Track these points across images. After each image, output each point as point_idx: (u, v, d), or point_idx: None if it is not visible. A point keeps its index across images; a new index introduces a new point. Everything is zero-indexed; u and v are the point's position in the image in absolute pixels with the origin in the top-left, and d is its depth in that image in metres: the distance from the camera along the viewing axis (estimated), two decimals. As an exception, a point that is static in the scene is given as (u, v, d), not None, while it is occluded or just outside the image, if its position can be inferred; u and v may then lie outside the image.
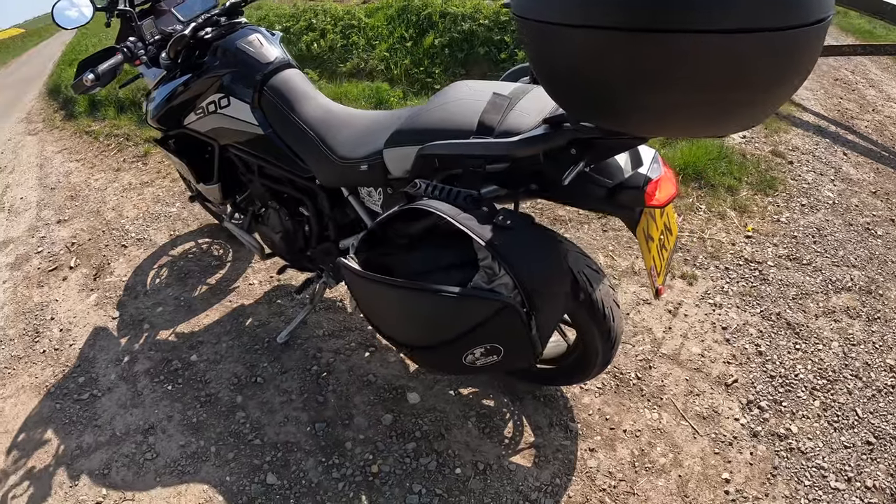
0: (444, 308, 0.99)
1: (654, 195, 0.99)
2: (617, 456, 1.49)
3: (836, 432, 1.53)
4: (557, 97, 0.85)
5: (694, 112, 0.71)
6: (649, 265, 1.08)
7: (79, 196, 3.30)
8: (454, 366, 1.10)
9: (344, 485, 1.47)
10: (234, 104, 1.54)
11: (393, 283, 1.02)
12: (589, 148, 0.94)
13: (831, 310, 1.91)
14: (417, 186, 1.05)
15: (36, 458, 1.70)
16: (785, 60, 0.64)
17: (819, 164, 2.72)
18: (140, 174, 3.40)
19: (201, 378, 1.84)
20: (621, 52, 0.66)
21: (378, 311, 1.17)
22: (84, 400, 1.86)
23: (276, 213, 1.69)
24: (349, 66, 4.24)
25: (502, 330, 0.99)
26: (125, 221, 2.87)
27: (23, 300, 2.46)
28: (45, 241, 2.89)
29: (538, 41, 0.76)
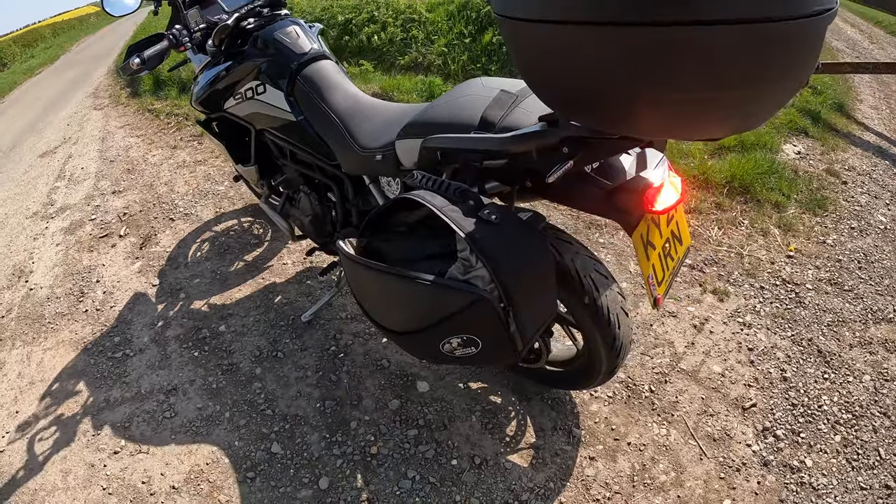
0: (418, 295, 1.02)
1: (653, 201, 0.99)
2: (617, 468, 1.50)
3: (854, 471, 1.47)
4: (540, 94, 0.85)
5: (679, 111, 0.68)
6: (647, 272, 1.08)
7: (135, 170, 3.55)
8: (433, 353, 1.13)
9: (343, 462, 1.55)
10: (269, 91, 1.64)
11: (375, 267, 1.07)
12: (581, 147, 0.94)
13: (868, 341, 1.84)
14: (415, 177, 1.09)
15: (65, 407, 1.87)
16: (777, 55, 0.60)
17: (875, 186, 2.59)
18: (195, 153, 3.62)
19: (226, 348, 1.97)
20: (596, 48, 0.64)
21: (365, 293, 1.22)
22: (117, 358, 2.03)
23: (306, 198, 1.79)
24: (407, 60, 4.34)
25: (477, 322, 1.01)
26: (175, 196, 3.07)
27: (72, 262, 2.68)
28: (100, 209, 3.13)
29: (518, 39, 0.76)
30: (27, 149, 4.67)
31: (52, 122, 5.27)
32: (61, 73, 8.48)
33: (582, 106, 0.78)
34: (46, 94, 7.03)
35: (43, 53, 12.09)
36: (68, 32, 15.46)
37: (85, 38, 13.55)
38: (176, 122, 4.21)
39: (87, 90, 6.20)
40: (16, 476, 1.68)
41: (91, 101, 5.63)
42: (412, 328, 1.11)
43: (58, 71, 9.04)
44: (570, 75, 0.72)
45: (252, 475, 1.55)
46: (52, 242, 2.93)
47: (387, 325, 1.21)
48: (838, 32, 5.37)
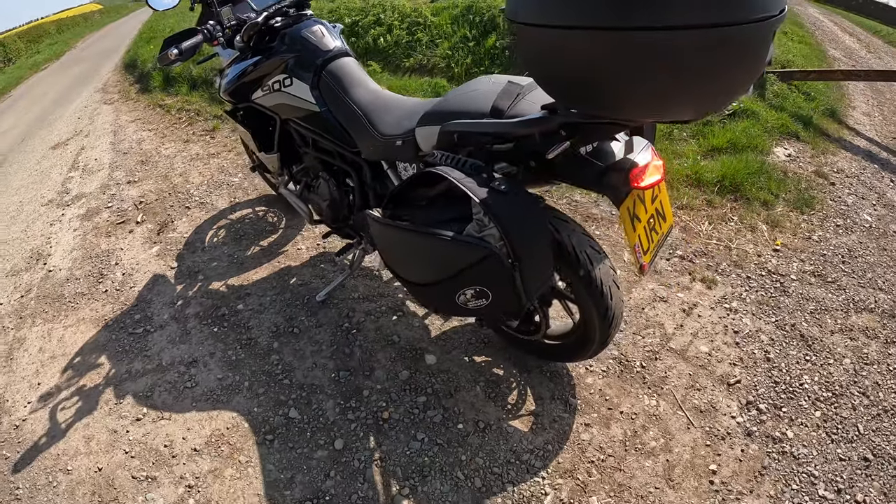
0: (439, 250, 1.22)
1: (638, 179, 1.17)
2: (610, 433, 1.64)
3: (833, 444, 1.60)
4: (545, 87, 1.04)
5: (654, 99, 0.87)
6: (633, 241, 1.26)
7: (149, 161, 3.70)
8: (449, 304, 1.32)
9: (356, 426, 1.70)
10: (296, 84, 1.81)
11: (402, 226, 1.27)
12: (576, 131, 1.12)
13: (849, 328, 1.98)
14: (434, 156, 1.29)
15: (87, 378, 2.01)
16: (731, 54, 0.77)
17: (863, 188, 2.76)
18: (207, 146, 3.78)
19: (244, 324, 2.12)
20: (588, 49, 0.82)
21: (392, 252, 1.42)
22: (137, 333, 2.17)
23: (325, 183, 1.95)
24: (412, 62, 4.51)
25: (488, 275, 1.19)
26: (190, 186, 3.23)
27: (91, 246, 2.83)
28: (115, 198, 3.29)
29: (527, 40, 0.95)
30: (38, 141, 4.82)
31: (62, 116, 5.43)
32: (67, 69, 8.65)
33: (580, 95, 0.96)
34: (54, 88, 7.20)
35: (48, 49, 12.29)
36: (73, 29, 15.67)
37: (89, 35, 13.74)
38: (187, 118, 4.37)
39: (95, 85, 6.36)
40: (38, 442, 1.81)
41: (100, 96, 5.79)
42: (432, 279, 1.30)
43: (64, 67, 9.21)
44: (570, 70, 0.91)
45: (271, 438, 1.70)
46: (69, 228, 3.07)
47: (410, 279, 1.39)
48: (836, 41, 5.56)
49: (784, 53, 4.16)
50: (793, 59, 4.11)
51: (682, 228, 2.46)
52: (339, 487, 1.55)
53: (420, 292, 1.43)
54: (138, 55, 6.38)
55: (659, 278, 2.18)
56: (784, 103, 3.45)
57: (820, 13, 6.67)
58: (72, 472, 1.70)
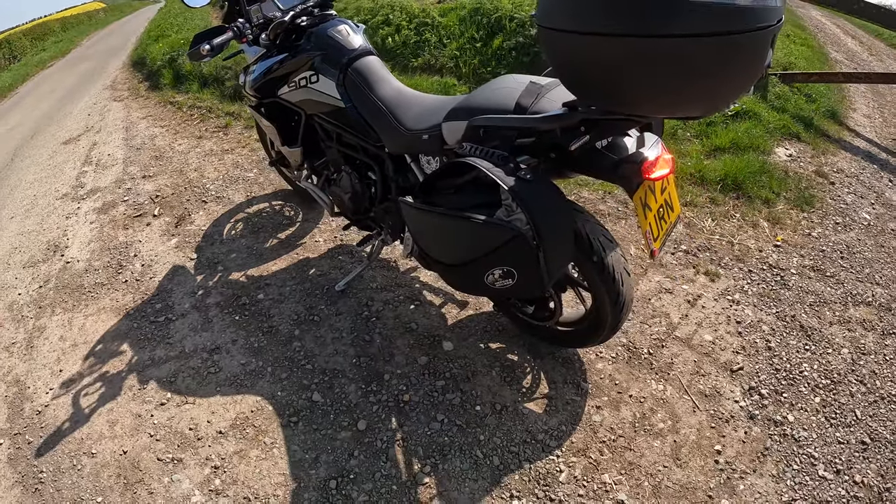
0: (471, 231, 1.33)
1: (649, 170, 1.28)
2: (620, 415, 1.73)
3: (832, 428, 1.68)
4: (570, 86, 1.15)
5: (666, 98, 1.00)
6: (645, 228, 1.36)
7: (163, 157, 3.78)
8: (478, 284, 1.43)
9: (378, 408, 1.78)
10: (322, 81, 1.89)
11: (435, 210, 1.38)
12: (595, 126, 1.24)
13: (847, 320, 2.07)
14: (464, 148, 1.39)
15: (110, 365, 2.08)
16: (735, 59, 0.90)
17: (861, 187, 2.85)
18: (221, 142, 3.86)
19: (265, 313, 2.20)
20: (610, 52, 0.94)
21: (425, 235, 1.53)
22: (159, 322, 2.25)
23: (347, 177, 2.03)
24: (420, 62, 4.60)
25: (515, 255, 1.30)
26: (206, 181, 3.31)
27: (108, 238, 2.90)
28: (131, 192, 3.36)
29: (554, 44, 1.07)
30: (49, 136, 4.89)
31: (72, 113, 5.50)
32: (74, 67, 8.73)
33: (600, 94, 1.08)
34: (61, 85, 7.27)
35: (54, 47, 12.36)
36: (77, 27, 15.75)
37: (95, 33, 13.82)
38: (199, 115, 4.44)
39: (103, 83, 6.44)
40: (61, 427, 1.86)
41: (109, 93, 5.86)
42: (463, 260, 1.41)
43: (70, 64, 9.29)
44: (596, 72, 1.02)
45: (295, 420, 1.78)
46: (86, 221, 3.15)
47: (442, 259, 1.50)
48: (838, 44, 5.67)
49: (786, 56, 4.27)
50: (795, 61, 4.22)
51: (686, 224, 2.54)
52: (363, 466, 1.63)
53: (450, 272, 1.53)
54: (147, 53, 6.45)
55: (665, 271, 2.27)
56: (786, 105, 3.55)
57: (822, 16, 6.79)
58: (96, 456, 1.76)
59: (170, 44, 6.09)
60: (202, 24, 7.23)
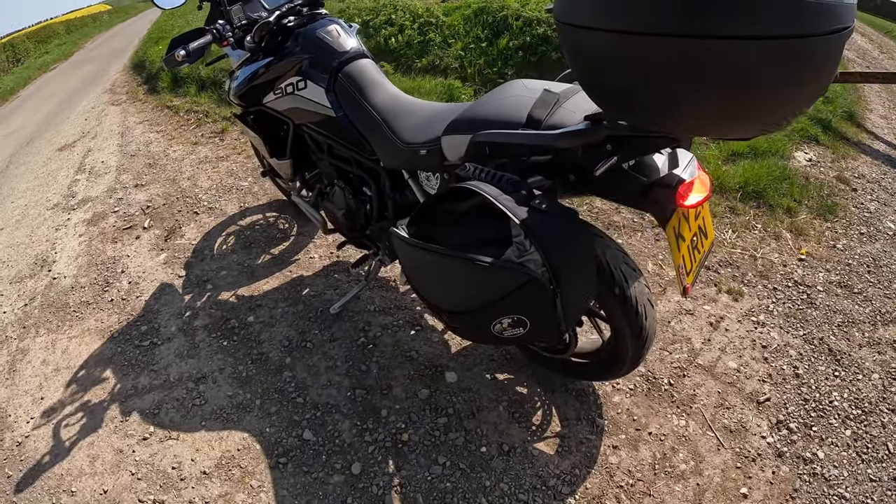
0: (476, 276, 1.10)
1: (685, 196, 1.06)
2: (639, 456, 1.54)
3: (864, 464, 1.52)
4: (594, 96, 0.92)
5: (717, 113, 0.77)
6: (678, 262, 1.15)
7: (157, 164, 3.59)
8: (484, 333, 1.21)
9: (374, 448, 1.59)
10: (310, 87, 1.69)
11: (434, 249, 1.14)
12: (623, 145, 1.01)
13: (877, 341, 1.88)
14: (467, 169, 1.16)
15: (92, 394, 1.91)
16: (807, 67, 0.70)
17: (884, 194, 2.65)
18: (216, 149, 3.67)
19: (255, 338, 2.01)
20: (650, 56, 0.73)
21: (421, 276, 1.29)
22: (144, 346, 2.07)
23: (341, 192, 1.83)
24: (424, 62, 4.38)
25: (528, 302, 1.08)
26: (199, 191, 3.11)
27: (96, 253, 2.72)
28: (122, 202, 3.18)
29: (576, 44, 0.84)
30: (45, 142, 4.71)
31: (69, 117, 5.31)
32: (76, 70, 8.53)
33: (631, 106, 0.86)
34: (62, 89, 7.08)
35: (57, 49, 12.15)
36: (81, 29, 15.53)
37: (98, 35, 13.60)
38: (196, 119, 4.25)
39: (103, 86, 6.24)
40: (41, 461, 1.71)
41: (108, 96, 5.67)
42: (467, 308, 1.18)
43: (72, 67, 9.09)
44: (624, 78, 0.81)
45: (284, 461, 1.60)
46: (75, 233, 2.97)
47: (442, 305, 1.27)
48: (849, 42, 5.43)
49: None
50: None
51: (702, 236, 2.34)
52: (358, 515, 1.45)
53: (451, 320, 1.31)
54: (147, 56, 6.25)
55: (676, 277, 2.07)
56: (801, 106, 3.33)
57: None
58: (76, 494, 1.60)
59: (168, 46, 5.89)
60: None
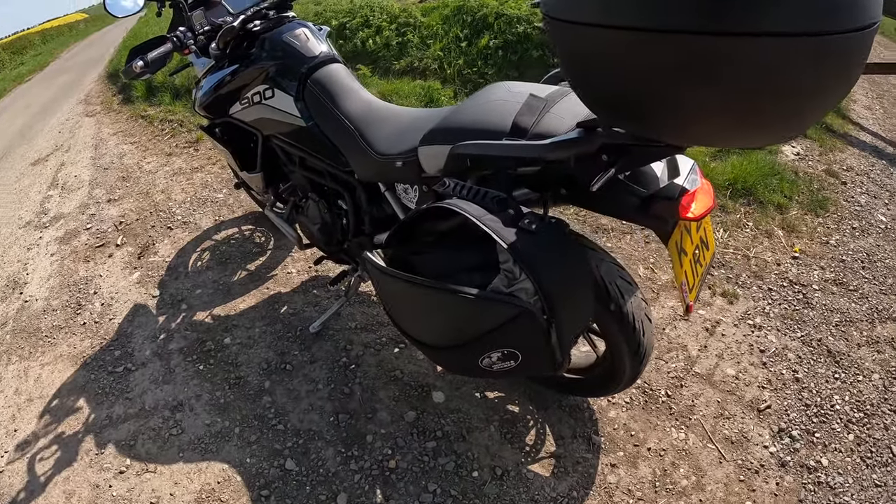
0: (460, 309, 0.99)
1: (689, 208, 0.95)
2: (638, 474, 1.46)
3: (869, 469, 1.46)
4: (587, 100, 0.81)
5: (729, 120, 0.67)
6: (681, 280, 1.04)
7: (130, 177, 3.44)
8: (471, 368, 1.10)
9: (360, 477, 1.48)
10: (278, 96, 1.57)
11: (413, 280, 1.02)
12: (621, 154, 0.90)
13: (875, 340, 1.82)
14: (446, 185, 1.04)
15: (66, 425, 1.78)
16: (830, 67, 0.60)
17: (874, 186, 2.59)
18: (191, 160, 3.52)
19: (232, 361, 1.89)
20: (654, 55, 0.63)
21: (399, 307, 1.17)
22: (118, 373, 1.94)
23: (315, 205, 1.72)
24: (403, 64, 4.27)
25: (520, 336, 0.97)
26: (173, 204, 2.97)
27: (68, 273, 2.58)
28: (95, 218, 3.03)
29: (568, 42, 0.73)
30: (18, 157, 4.53)
31: (43, 130, 5.13)
32: (51, 80, 8.29)
33: (630, 112, 0.74)
34: (37, 100, 6.86)
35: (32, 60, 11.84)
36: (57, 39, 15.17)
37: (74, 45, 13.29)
38: (170, 129, 4.10)
39: (78, 96, 6.05)
40: (16, 499, 1.59)
41: (82, 107, 5.48)
42: (451, 342, 1.07)
43: (48, 77, 8.83)
44: (622, 81, 0.69)
45: (266, 493, 1.48)
46: (47, 253, 2.82)
47: (423, 340, 1.16)
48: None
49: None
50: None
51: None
52: (344, 551, 1.34)
53: (434, 355, 1.19)
54: (121, 65, 6.04)
55: (678, 294, 1.98)
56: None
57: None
58: (51, 535, 1.48)
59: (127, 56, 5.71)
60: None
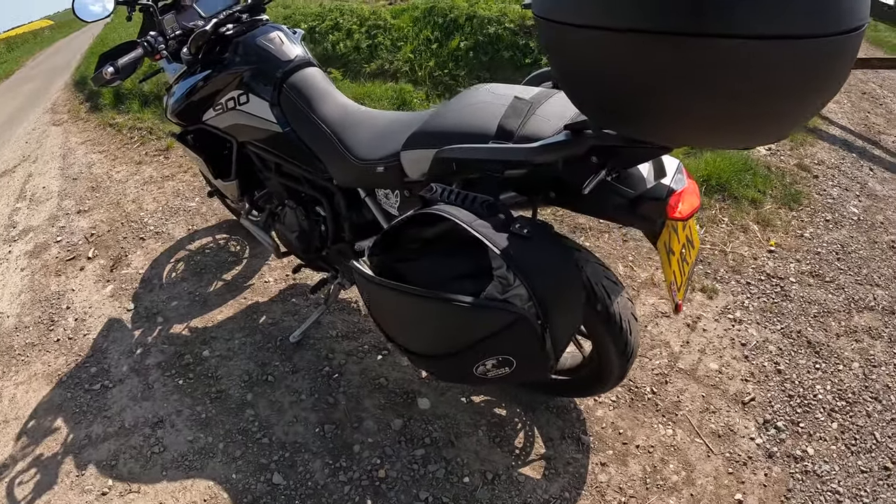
0: (455, 318, 0.97)
1: (677, 207, 0.95)
2: (628, 472, 1.45)
3: (854, 456, 1.49)
4: (578, 102, 0.81)
5: (721, 122, 0.67)
6: (669, 279, 1.04)
7: (100, 187, 3.33)
8: (464, 376, 1.09)
9: (350, 488, 1.45)
10: (253, 101, 1.52)
11: (405, 289, 1.00)
12: (610, 156, 0.90)
13: (853, 329, 1.85)
14: (433, 190, 1.02)
15: (44, 446, 1.70)
16: (818, 69, 0.61)
17: (845, 178, 2.64)
18: (161, 168, 3.42)
19: (212, 374, 1.83)
20: (647, 57, 0.62)
21: (388, 317, 1.15)
22: (95, 390, 1.86)
23: (292, 212, 1.68)
24: (374, 67, 4.22)
25: (515, 342, 0.97)
26: (144, 214, 2.88)
27: (40, 288, 2.48)
28: (65, 230, 2.92)
29: (559, 44, 0.73)
30: (-17, 169, 4.35)
31: (10, 140, 4.93)
32: (17, 89, 8.00)
33: (622, 114, 0.74)
34: (3, 110, 6.60)
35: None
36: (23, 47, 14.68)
37: (40, 52, 12.86)
38: (139, 137, 3.98)
39: (44, 105, 5.85)
40: None
41: (49, 116, 5.30)
42: (444, 351, 1.05)
43: (13, 86, 8.51)
44: (614, 83, 0.69)
45: (253, 509, 1.44)
46: (17, 267, 2.71)
47: (414, 349, 1.13)
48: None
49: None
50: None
51: (672, 232, 2.28)
52: (335, 566, 1.30)
53: (427, 364, 1.17)
54: (89, 72, 5.87)
55: (659, 291, 1.99)
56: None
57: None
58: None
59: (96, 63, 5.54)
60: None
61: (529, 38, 3.82)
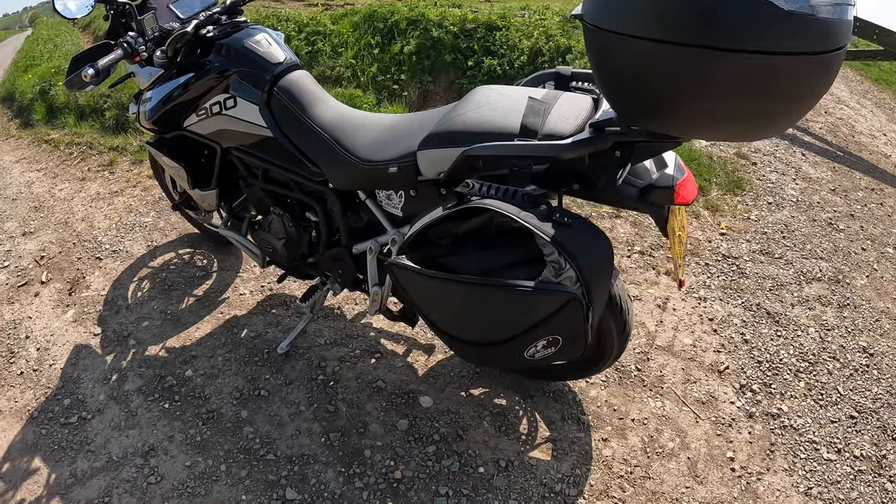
0: (518, 303, 1.04)
1: (682, 194, 1.06)
2: (629, 444, 1.52)
3: (822, 409, 1.63)
4: (614, 100, 0.90)
5: (735, 120, 0.81)
6: (678, 259, 1.16)
7: (43, 207, 3.06)
8: (515, 359, 1.17)
9: (368, 493, 1.42)
10: (241, 105, 1.46)
11: (463, 280, 1.06)
12: (631, 149, 0.98)
13: (805, 299, 2.01)
14: (470, 186, 1.05)
15: (25, 490, 1.53)
16: (817, 78, 0.75)
17: (780, 164, 2.87)
18: (108, 183, 3.19)
19: (200, 394, 1.73)
20: (684, 65, 0.74)
21: (440, 309, 1.20)
22: (72, 423, 1.70)
23: (278, 219, 1.62)
24: (315, 74, 4.13)
25: (566, 321, 1.05)
26: (97, 232, 2.68)
27: (-9, 319, 2.25)
28: (11, 254, 2.66)
29: (604, 49, 0.83)
30: None
31: (-73, 166, 4.44)
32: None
33: (655, 112, 0.85)
34: None
35: None
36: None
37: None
38: (79, 152, 3.69)
39: (-36, 126, 5.31)
40: None
41: (-28, 136, 4.82)
42: (503, 336, 1.12)
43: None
44: (650, 86, 0.80)
45: (270, 527, 1.38)
46: (-39, 299, 2.44)
47: (470, 338, 1.19)
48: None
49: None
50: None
51: (631, 223, 2.39)
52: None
53: (479, 353, 1.23)
54: (16, 86, 5.36)
55: (627, 276, 2.08)
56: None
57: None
58: None
59: (40, 74, 5.07)
60: (74, 49, 6.18)
61: (470, 41, 3.87)
